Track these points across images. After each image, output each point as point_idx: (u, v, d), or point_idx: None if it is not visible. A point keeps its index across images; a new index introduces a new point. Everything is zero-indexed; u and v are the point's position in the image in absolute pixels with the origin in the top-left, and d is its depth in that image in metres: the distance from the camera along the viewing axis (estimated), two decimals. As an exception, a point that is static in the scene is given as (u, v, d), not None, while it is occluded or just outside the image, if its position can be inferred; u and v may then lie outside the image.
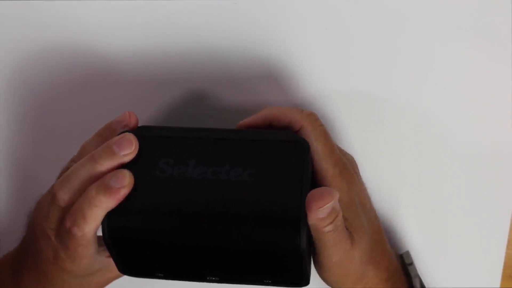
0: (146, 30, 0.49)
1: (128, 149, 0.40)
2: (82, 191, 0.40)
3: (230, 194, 0.39)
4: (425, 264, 0.51)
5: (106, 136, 0.42)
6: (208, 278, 0.42)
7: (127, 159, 0.40)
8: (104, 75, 0.50)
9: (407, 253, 0.48)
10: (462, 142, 0.49)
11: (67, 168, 0.43)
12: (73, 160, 0.44)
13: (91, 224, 0.40)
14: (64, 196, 0.41)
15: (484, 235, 0.50)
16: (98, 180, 0.40)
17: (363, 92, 0.48)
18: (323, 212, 0.38)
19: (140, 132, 0.42)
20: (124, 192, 0.39)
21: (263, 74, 0.49)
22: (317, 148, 0.41)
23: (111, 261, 0.44)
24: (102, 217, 0.40)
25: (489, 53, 0.47)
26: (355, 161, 0.45)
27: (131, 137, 0.41)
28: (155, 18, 0.48)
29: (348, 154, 0.45)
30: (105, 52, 0.49)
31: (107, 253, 0.44)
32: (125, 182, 0.39)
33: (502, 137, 0.49)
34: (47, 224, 0.42)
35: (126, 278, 0.47)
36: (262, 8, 0.47)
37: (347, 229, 0.42)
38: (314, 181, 0.42)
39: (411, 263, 0.47)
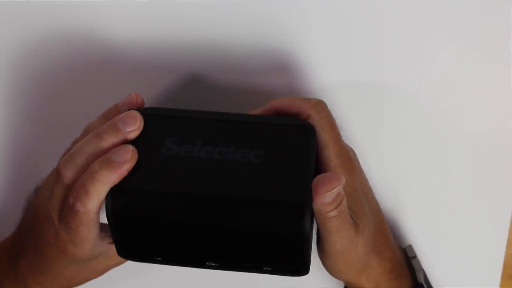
0: (151, 23, 0.49)
1: (133, 126, 0.40)
2: (86, 168, 0.40)
3: (236, 175, 0.39)
4: (425, 264, 0.50)
5: (111, 117, 0.42)
6: (207, 263, 0.42)
7: (132, 135, 0.40)
8: (108, 67, 0.50)
9: (410, 246, 0.48)
10: (462, 142, 0.49)
11: (69, 149, 0.43)
12: (76, 142, 0.43)
13: (94, 199, 0.39)
14: (68, 173, 0.41)
15: (484, 235, 0.50)
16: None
17: (366, 85, 0.49)
18: (329, 197, 0.38)
19: (147, 111, 0.42)
20: (127, 167, 0.39)
21: (269, 65, 0.49)
22: (322, 137, 0.41)
23: (111, 248, 0.44)
24: (105, 193, 0.39)
25: (489, 52, 0.47)
26: (355, 152, 0.46)
27: (136, 114, 0.40)
28: (163, 11, 0.49)
29: (348, 145, 0.46)
30: (109, 45, 0.50)
31: (109, 239, 0.44)
32: (128, 157, 0.39)
33: (502, 137, 0.49)
34: (50, 204, 0.42)
35: (124, 266, 0.46)
36: (267, 1, 0.48)
37: (351, 217, 0.42)
38: (318, 168, 0.42)
39: (415, 256, 0.47)
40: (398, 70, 0.48)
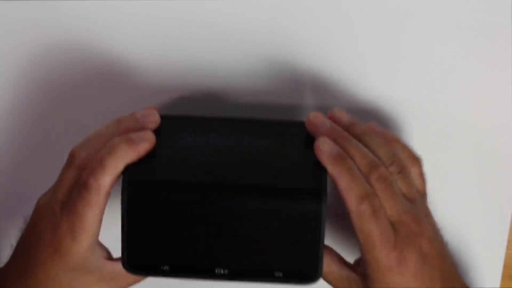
0: (151, 31, 0.47)
1: (152, 119, 0.43)
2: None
3: (251, 161, 0.41)
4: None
5: (126, 124, 0.42)
6: (216, 271, 0.41)
7: (150, 126, 0.42)
8: (106, 77, 0.49)
9: None
10: (462, 142, 0.49)
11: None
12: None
13: (108, 173, 0.40)
14: (82, 154, 0.41)
15: (484, 235, 0.50)
16: None
17: (366, 95, 0.48)
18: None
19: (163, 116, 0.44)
20: (145, 145, 0.41)
21: (268, 75, 0.48)
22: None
23: (106, 266, 0.43)
24: (121, 169, 0.40)
25: (489, 53, 0.47)
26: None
27: (155, 110, 0.43)
28: (162, 19, 0.47)
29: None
30: (105, 52, 0.48)
31: (106, 255, 0.44)
32: (147, 136, 0.41)
33: (502, 137, 0.48)
34: (55, 196, 0.41)
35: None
36: (265, 9, 0.46)
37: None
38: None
39: None
40: (397, 73, 0.47)
